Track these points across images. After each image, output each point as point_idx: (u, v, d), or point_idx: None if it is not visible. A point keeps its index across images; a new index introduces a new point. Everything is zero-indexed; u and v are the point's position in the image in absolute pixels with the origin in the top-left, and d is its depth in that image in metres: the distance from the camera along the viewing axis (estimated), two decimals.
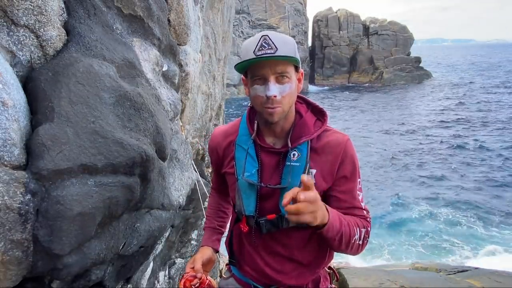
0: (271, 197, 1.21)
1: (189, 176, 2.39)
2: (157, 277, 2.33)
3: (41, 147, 1.09)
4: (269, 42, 1.05)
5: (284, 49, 1.06)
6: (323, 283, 1.35)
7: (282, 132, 1.20)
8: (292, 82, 1.11)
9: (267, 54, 1.04)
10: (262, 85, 1.10)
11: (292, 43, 1.10)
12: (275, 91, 1.07)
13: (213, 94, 4.02)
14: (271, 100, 1.08)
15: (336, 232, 1.07)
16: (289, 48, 1.07)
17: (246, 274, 1.35)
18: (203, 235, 1.49)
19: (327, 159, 1.17)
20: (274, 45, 1.05)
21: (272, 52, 1.04)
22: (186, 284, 1.23)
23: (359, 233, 1.14)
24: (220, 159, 1.34)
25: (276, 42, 1.05)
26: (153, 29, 1.91)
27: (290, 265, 1.26)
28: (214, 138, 1.36)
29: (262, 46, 1.05)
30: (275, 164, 1.21)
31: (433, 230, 11.30)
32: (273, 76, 1.08)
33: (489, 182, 14.65)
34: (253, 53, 1.06)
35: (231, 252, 1.39)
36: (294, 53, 1.08)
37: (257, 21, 38.77)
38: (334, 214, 1.06)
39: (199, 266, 1.29)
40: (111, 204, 1.29)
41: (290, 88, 1.10)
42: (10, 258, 1.03)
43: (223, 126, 1.38)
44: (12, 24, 1.16)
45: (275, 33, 1.08)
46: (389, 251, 10.18)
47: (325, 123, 1.21)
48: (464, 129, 22.90)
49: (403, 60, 44.28)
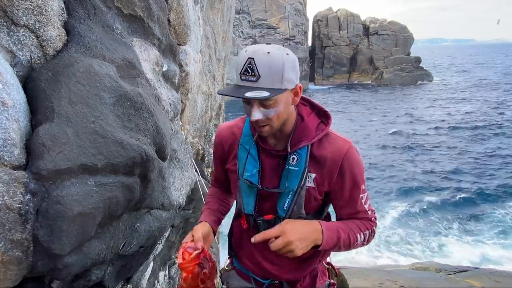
0: (269, 198, 1.22)
1: (189, 176, 2.39)
2: (157, 277, 2.33)
3: (41, 147, 1.09)
4: (253, 68, 0.98)
5: (267, 79, 0.98)
6: (320, 277, 1.37)
7: (282, 135, 1.19)
8: (278, 105, 1.05)
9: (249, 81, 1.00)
10: (248, 106, 1.08)
11: (279, 68, 0.99)
12: (258, 115, 1.05)
13: (213, 94, 4.02)
14: (255, 121, 1.07)
15: (333, 246, 1.14)
16: (273, 76, 0.99)
17: (245, 267, 1.37)
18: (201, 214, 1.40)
19: (326, 165, 1.16)
20: (257, 72, 0.98)
21: (253, 80, 0.99)
22: (185, 255, 1.13)
23: (363, 236, 1.20)
24: (226, 154, 1.34)
25: (261, 68, 0.98)
26: (153, 29, 1.91)
27: (287, 260, 1.27)
28: (220, 133, 1.35)
29: (246, 71, 0.99)
30: (275, 166, 1.21)
31: (433, 230, 11.30)
32: (257, 102, 1.04)
33: (493, 182, 14.62)
34: (239, 74, 1.02)
35: (232, 245, 1.43)
36: (280, 81, 1.00)
37: (257, 21, 38.77)
38: (329, 233, 1.12)
39: (200, 236, 1.19)
40: (111, 204, 1.29)
41: (276, 111, 1.06)
42: (10, 258, 1.03)
43: (228, 123, 1.38)
44: (12, 24, 1.16)
45: (263, 57, 0.98)
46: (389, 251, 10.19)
47: (328, 127, 1.19)
48: (464, 129, 22.88)
49: (403, 60, 44.28)
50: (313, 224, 1.12)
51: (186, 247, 1.15)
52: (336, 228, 1.15)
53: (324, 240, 1.10)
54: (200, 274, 1.12)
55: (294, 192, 1.16)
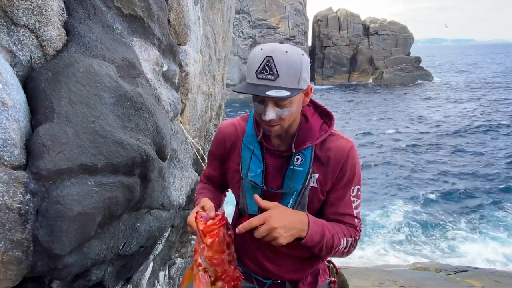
0: (274, 198, 1.21)
1: (189, 176, 2.39)
2: (157, 277, 2.33)
3: (41, 147, 1.09)
4: (271, 67, 0.97)
5: (286, 78, 0.98)
6: (322, 275, 1.38)
7: (287, 136, 1.20)
8: (292, 105, 1.06)
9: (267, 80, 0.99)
10: (261, 104, 1.07)
11: (297, 67, 1.00)
12: (272, 115, 1.04)
13: (213, 94, 4.02)
14: (268, 121, 1.06)
15: (316, 243, 1.10)
16: (292, 75, 0.99)
17: (247, 267, 1.36)
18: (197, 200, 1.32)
19: (330, 164, 1.17)
20: (276, 71, 0.97)
21: (272, 78, 0.98)
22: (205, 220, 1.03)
23: (345, 243, 1.17)
24: (226, 151, 1.32)
25: (280, 67, 0.97)
26: (153, 29, 1.91)
27: (290, 260, 1.28)
28: (223, 129, 1.33)
29: (264, 70, 0.98)
30: (279, 166, 1.21)
31: (433, 230, 11.31)
32: (272, 101, 1.03)
33: (494, 182, 14.61)
34: (255, 73, 1.00)
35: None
36: (297, 81, 1.01)
37: (257, 21, 38.75)
38: (315, 227, 1.09)
39: (212, 205, 1.12)
40: (111, 204, 1.29)
41: (289, 111, 1.06)
42: (10, 258, 1.03)
43: (230, 120, 1.36)
44: (12, 24, 1.16)
45: (282, 55, 0.98)
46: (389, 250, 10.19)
47: (332, 127, 1.20)
48: (464, 129, 22.88)
49: (403, 60, 44.26)
50: (299, 214, 1.10)
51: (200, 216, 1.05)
52: (322, 225, 1.12)
53: (309, 234, 1.07)
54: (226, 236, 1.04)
55: (298, 193, 1.17)
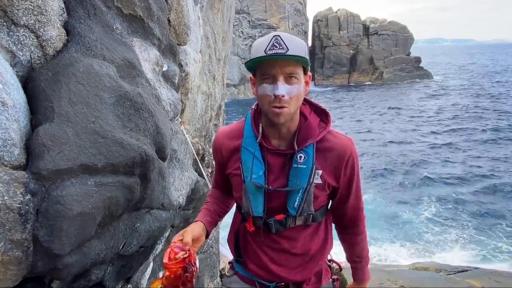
0: (278, 198, 1.23)
1: (189, 176, 2.39)
2: (157, 277, 2.33)
3: (41, 147, 1.09)
4: (280, 42, 1.06)
5: (295, 50, 1.07)
6: (325, 275, 1.39)
7: (287, 134, 1.21)
8: (300, 83, 1.12)
9: (278, 53, 1.06)
10: (270, 84, 1.11)
11: (303, 45, 1.11)
12: (284, 90, 1.09)
13: (213, 94, 4.02)
14: (278, 100, 1.09)
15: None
16: (299, 49, 1.08)
17: (250, 272, 1.36)
18: (198, 213, 1.42)
19: (332, 161, 1.21)
20: (285, 45, 1.06)
21: (283, 52, 1.05)
22: (171, 255, 1.13)
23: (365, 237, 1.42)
24: (224, 160, 1.34)
25: (288, 42, 1.06)
26: (153, 29, 1.91)
27: (295, 260, 1.29)
28: (217, 139, 1.35)
29: (274, 46, 1.06)
30: (281, 165, 1.22)
31: (433, 230, 11.30)
32: (282, 76, 1.09)
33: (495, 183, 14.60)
34: (264, 51, 1.07)
35: (237, 250, 1.40)
36: (304, 54, 1.09)
37: (257, 21, 38.75)
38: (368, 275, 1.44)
39: (189, 240, 1.19)
40: (111, 204, 1.29)
41: (298, 89, 1.12)
42: (10, 258, 1.03)
43: (227, 127, 1.38)
44: (12, 24, 1.16)
45: (287, 34, 1.09)
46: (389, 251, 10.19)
47: (329, 124, 1.23)
48: (465, 129, 22.88)
49: (403, 60, 44.29)
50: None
51: (174, 246, 1.16)
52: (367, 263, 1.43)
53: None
54: (182, 276, 1.12)
55: (304, 190, 1.18)
